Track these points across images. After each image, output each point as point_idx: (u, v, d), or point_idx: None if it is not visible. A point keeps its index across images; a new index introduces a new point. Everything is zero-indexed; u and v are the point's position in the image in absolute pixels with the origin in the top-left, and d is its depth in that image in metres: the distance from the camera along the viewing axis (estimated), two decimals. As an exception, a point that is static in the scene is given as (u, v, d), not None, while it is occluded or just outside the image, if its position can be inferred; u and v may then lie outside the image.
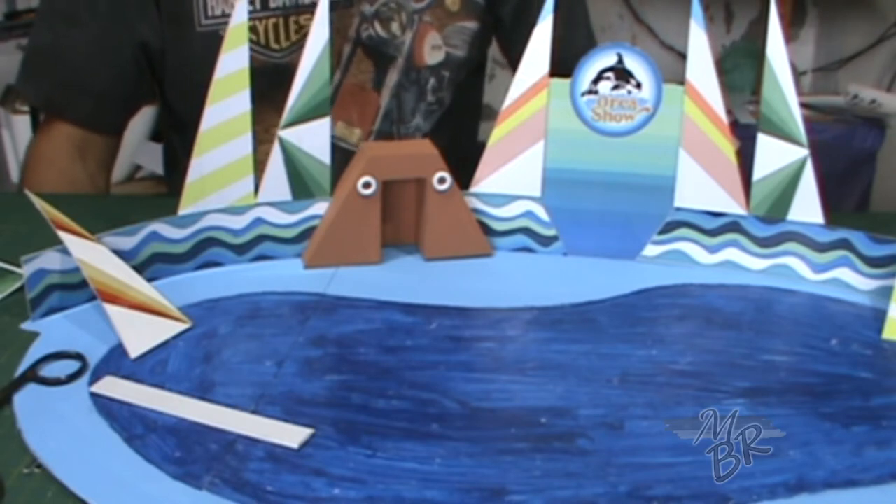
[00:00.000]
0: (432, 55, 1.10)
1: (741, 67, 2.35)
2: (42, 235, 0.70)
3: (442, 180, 0.79)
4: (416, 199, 0.81)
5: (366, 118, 1.10)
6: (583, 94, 0.80)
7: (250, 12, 1.00)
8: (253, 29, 1.01)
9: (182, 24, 1.02)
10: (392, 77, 1.09)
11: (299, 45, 1.02)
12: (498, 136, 0.82)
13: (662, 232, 0.82)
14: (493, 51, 1.24)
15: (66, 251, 0.69)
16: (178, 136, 1.14)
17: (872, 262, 0.78)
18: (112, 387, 0.62)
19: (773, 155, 0.79)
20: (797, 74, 2.34)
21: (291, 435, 0.58)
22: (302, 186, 0.80)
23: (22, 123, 1.92)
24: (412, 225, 0.83)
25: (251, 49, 0.75)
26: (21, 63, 1.09)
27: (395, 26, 1.07)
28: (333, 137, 0.79)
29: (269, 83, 0.78)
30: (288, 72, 0.77)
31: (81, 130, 1.07)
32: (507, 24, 1.16)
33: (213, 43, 0.79)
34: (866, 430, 0.61)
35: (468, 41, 1.12)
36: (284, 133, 0.78)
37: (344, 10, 1.05)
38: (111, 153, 1.13)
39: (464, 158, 0.83)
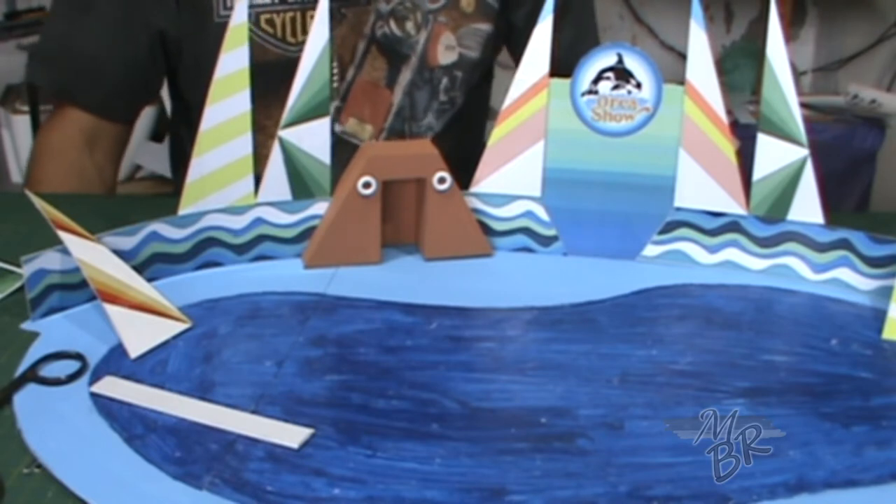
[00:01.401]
0: (446, 55, 1.11)
1: (741, 67, 2.35)
2: (42, 235, 0.70)
3: (442, 180, 0.79)
4: (416, 199, 0.81)
5: (378, 115, 1.10)
6: (583, 94, 0.80)
7: (268, 6, 1.00)
8: (270, 22, 1.01)
9: (200, 14, 1.02)
10: (405, 75, 1.10)
11: None
12: (498, 136, 0.82)
13: (662, 232, 0.82)
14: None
15: (66, 251, 0.69)
16: (188, 129, 1.13)
17: (872, 262, 0.78)
18: (112, 387, 0.62)
19: (773, 155, 0.79)
20: (797, 74, 2.34)
21: (291, 435, 0.58)
22: (302, 186, 0.80)
23: (22, 123, 1.92)
24: (412, 225, 0.83)
25: (268, 42, 0.74)
26: (33, 51, 1.08)
27: (409, 25, 1.07)
28: (345, 133, 0.79)
29: (284, 77, 0.78)
30: None
31: (92, 118, 1.07)
32: (521, 30, 1.16)
33: None
34: (866, 430, 0.61)
35: (482, 43, 1.13)
36: (284, 133, 0.78)
37: (360, 7, 1.05)
38: (121, 144, 1.12)
39: (466, 159, 0.83)
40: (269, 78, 0.73)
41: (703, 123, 0.80)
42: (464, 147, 0.91)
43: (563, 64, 0.81)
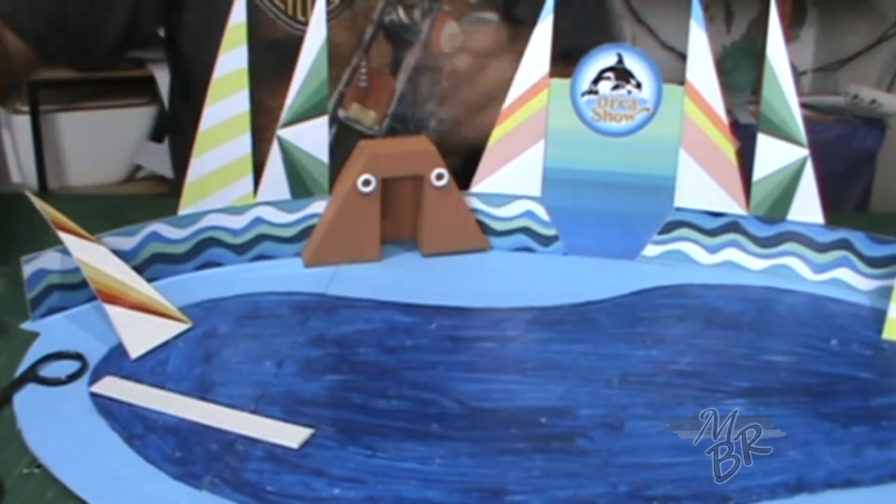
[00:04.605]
0: (449, 43, 1.11)
1: (741, 67, 2.35)
2: (42, 236, 0.70)
3: (440, 177, 0.79)
4: (414, 195, 0.82)
5: (381, 101, 1.10)
6: (583, 94, 0.80)
7: None
8: None
9: None
10: (409, 62, 1.10)
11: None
12: (498, 136, 0.82)
13: (662, 232, 0.82)
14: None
15: (66, 251, 0.69)
16: (186, 104, 1.11)
17: (872, 262, 0.78)
18: (112, 387, 0.62)
19: (773, 155, 0.79)
20: (797, 74, 2.34)
21: (291, 435, 0.58)
22: (301, 185, 0.80)
23: (22, 123, 1.91)
24: (410, 221, 0.83)
25: (278, 18, 0.72)
26: None
27: (416, 13, 1.08)
28: (348, 119, 0.78)
29: (292, 56, 0.77)
30: None
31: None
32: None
33: None
34: (866, 430, 0.61)
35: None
36: (283, 132, 0.78)
37: None
38: None
39: (467, 158, 0.83)
40: (279, 56, 0.71)
41: (703, 123, 0.80)
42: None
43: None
